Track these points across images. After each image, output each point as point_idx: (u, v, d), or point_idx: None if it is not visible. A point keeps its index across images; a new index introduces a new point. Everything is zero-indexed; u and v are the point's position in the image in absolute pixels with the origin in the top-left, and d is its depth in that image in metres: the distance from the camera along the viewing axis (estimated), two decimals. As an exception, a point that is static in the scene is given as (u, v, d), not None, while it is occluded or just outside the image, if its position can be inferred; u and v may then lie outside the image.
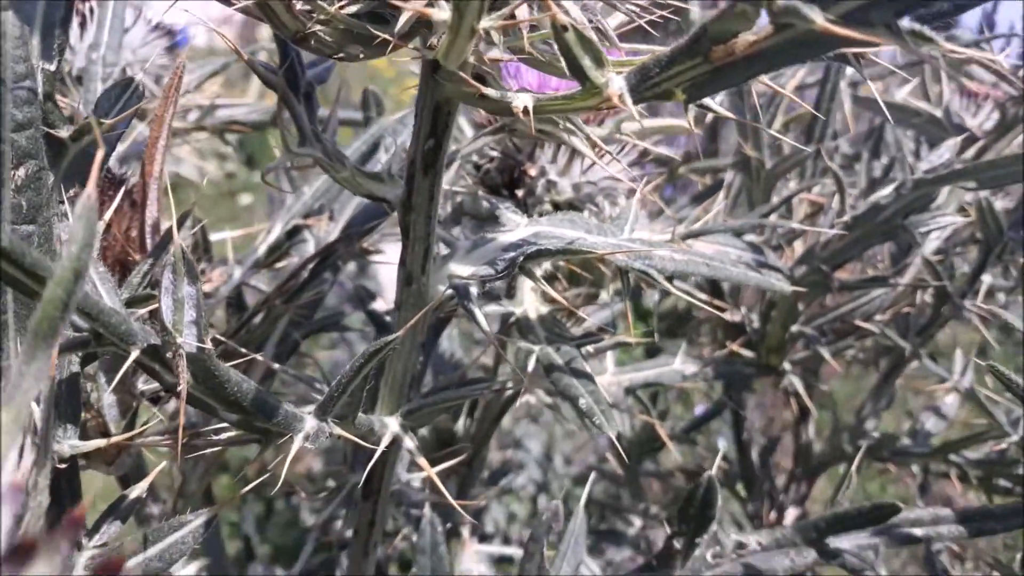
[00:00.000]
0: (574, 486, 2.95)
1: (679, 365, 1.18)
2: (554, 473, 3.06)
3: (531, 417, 3.23)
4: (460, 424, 1.07)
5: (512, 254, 0.69)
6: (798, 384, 1.25)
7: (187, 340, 0.49)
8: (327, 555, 1.48)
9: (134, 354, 0.47)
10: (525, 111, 0.54)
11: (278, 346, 0.93)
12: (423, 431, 1.05)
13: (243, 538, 1.36)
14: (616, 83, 0.50)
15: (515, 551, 1.12)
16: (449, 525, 1.07)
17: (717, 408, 1.46)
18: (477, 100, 0.57)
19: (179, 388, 0.48)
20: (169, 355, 0.49)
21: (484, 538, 2.97)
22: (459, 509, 0.79)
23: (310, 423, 0.56)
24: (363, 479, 0.76)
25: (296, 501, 1.71)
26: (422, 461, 0.66)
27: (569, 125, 0.67)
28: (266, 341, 0.92)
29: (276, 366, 0.81)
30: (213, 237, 1.02)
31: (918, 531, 0.88)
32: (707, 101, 0.53)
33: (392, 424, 0.66)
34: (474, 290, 0.66)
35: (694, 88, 0.51)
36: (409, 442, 0.66)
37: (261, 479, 0.59)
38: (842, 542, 0.87)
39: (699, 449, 1.57)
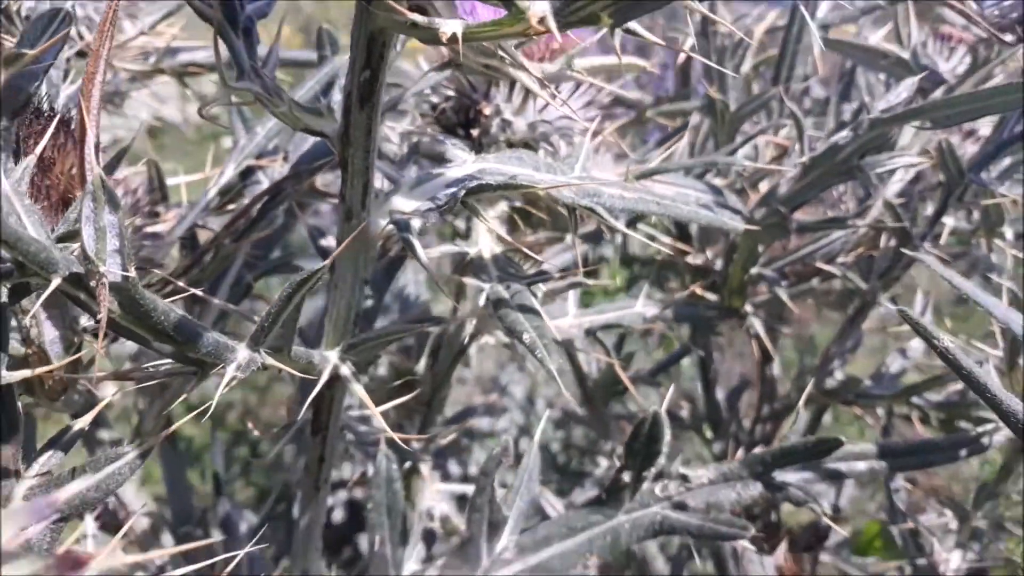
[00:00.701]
0: (555, 430, 2.99)
1: (640, 307, 1.19)
2: (536, 417, 3.09)
3: (517, 365, 3.25)
4: (421, 365, 1.08)
5: (454, 189, 0.69)
6: (759, 327, 1.26)
7: (111, 269, 0.49)
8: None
9: (55, 282, 0.48)
10: (453, 38, 0.54)
11: (232, 288, 0.93)
12: (381, 371, 1.06)
13: (212, 476, 1.37)
14: (539, 6, 0.49)
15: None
16: (408, 463, 1.09)
17: (682, 351, 1.48)
18: (408, 28, 0.57)
19: (100, 316, 0.48)
20: (93, 284, 0.49)
21: (465, 479, 3.01)
22: (404, 446, 0.80)
23: (242, 353, 0.56)
24: (312, 415, 0.77)
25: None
26: (363, 394, 0.66)
27: (516, 60, 0.66)
28: (220, 282, 0.92)
29: (230, 307, 0.82)
30: (170, 181, 1.02)
31: (862, 465, 0.89)
32: (634, 26, 0.52)
33: (333, 358, 0.67)
34: (416, 224, 0.67)
35: (619, 12, 0.51)
36: (348, 373, 0.66)
37: (198, 413, 0.59)
38: (788, 476, 0.89)
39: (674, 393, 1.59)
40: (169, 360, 0.59)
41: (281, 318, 0.55)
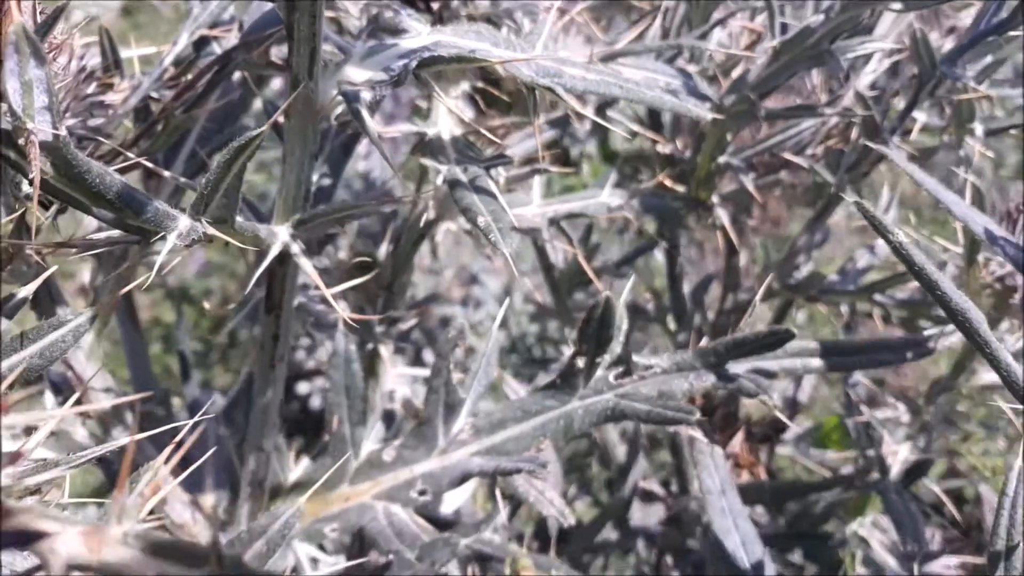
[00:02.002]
0: (531, 322, 3.02)
1: (606, 197, 1.18)
2: (512, 309, 3.11)
3: (488, 256, 3.25)
4: (383, 249, 1.07)
5: (407, 60, 0.66)
6: (724, 217, 1.26)
7: (40, 127, 0.47)
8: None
9: (-22, 140, 0.46)
10: None
11: (188, 162, 0.91)
12: (342, 255, 1.05)
13: (179, 357, 1.37)
14: None
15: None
16: (369, 347, 1.10)
17: (650, 244, 1.48)
18: None
19: (32, 177, 0.47)
20: (22, 143, 0.48)
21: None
22: (364, 329, 0.80)
23: (183, 222, 0.55)
24: (265, 293, 0.76)
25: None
26: (312, 271, 0.66)
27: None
28: (175, 156, 0.90)
29: (182, 180, 0.80)
30: (125, 54, 0.98)
31: (816, 362, 0.90)
32: None
33: (282, 233, 0.66)
34: (366, 96, 0.65)
35: None
36: (298, 249, 0.65)
37: (140, 283, 0.58)
38: (741, 368, 0.90)
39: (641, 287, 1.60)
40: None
41: (221, 186, 0.54)
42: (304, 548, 0.94)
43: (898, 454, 1.15)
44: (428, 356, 2.74)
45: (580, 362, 0.88)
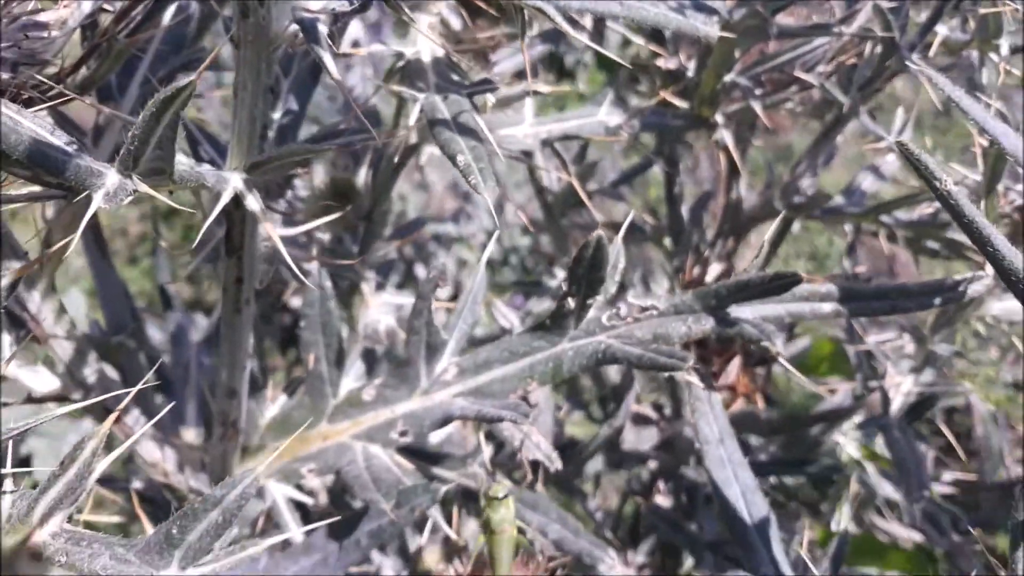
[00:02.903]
0: (523, 235, 2.96)
1: (604, 116, 1.10)
2: (505, 223, 3.05)
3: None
4: (361, 176, 1.00)
5: (371, -18, 0.59)
6: (728, 138, 1.18)
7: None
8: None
9: None
10: None
11: (144, 86, 0.84)
12: (317, 181, 0.99)
13: (159, 289, 1.32)
14: None
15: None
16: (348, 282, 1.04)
17: (647, 162, 1.41)
18: None
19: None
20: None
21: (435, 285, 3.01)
22: (340, 264, 0.74)
23: (111, 178, 0.49)
24: (224, 235, 0.70)
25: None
26: (270, 229, 0.60)
27: None
28: (127, 86, 0.82)
29: (126, 117, 0.73)
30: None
31: (827, 307, 0.85)
32: None
33: (233, 179, 0.59)
34: (323, 28, 0.57)
35: None
36: (253, 202, 0.59)
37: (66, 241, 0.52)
38: (744, 312, 0.84)
39: (632, 203, 1.53)
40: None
41: (151, 139, 0.47)
42: (281, 489, 0.91)
43: (902, 386, 1.11)
44: (421, 271, 2.69)
45: (571, 303, 0.83)
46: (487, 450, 0.94)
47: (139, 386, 0.68)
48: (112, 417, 0.60)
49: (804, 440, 1.46)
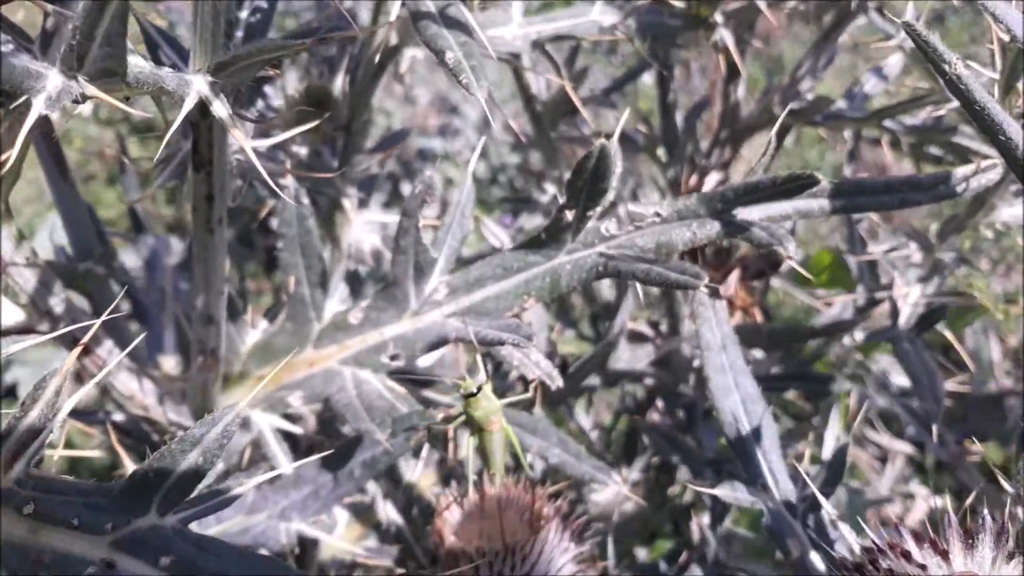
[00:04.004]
0: (511, 152, 2.88)
1: (596, 15, 1.03)
2: (491, 138, 2.96)
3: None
4: (338, 83, 0.93)
5: None
6: (728, 39, 1.11)
7: None
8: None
9: None
10: None
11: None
12: (291, 91, 0.92)
13: (128, 211, 1.25)
14: None
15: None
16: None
17: (641, 67, 1.33)
18: None
19: None
20: None
21: (421, 203, 2.93)
22: (318, 178, 0.68)
23: (54, 80, 0.42)
24: (191, 148, 0.64)
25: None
26: (238, 135, 0.53)
27: None
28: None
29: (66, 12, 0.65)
30: None
31: (836, 202, 0.80)
32: None
33: (197, 82, 0.53)
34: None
35: None
36: (219, 106, 0.53)
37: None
38: (751, 214, 0.79)
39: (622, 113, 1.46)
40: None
41: (96, 32, 0.41)
42: (267, 419, 0.87)
43: (909, 296, 1.07)
44: (407, 190, 2.61)
45: (569, 215, 0.77)
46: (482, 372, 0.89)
47: (106, 315, 0.63)
48: (77, 349, 0.55)
49: (801, 354, 1.43)
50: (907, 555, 0.63)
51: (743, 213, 0.79)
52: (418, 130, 2.90)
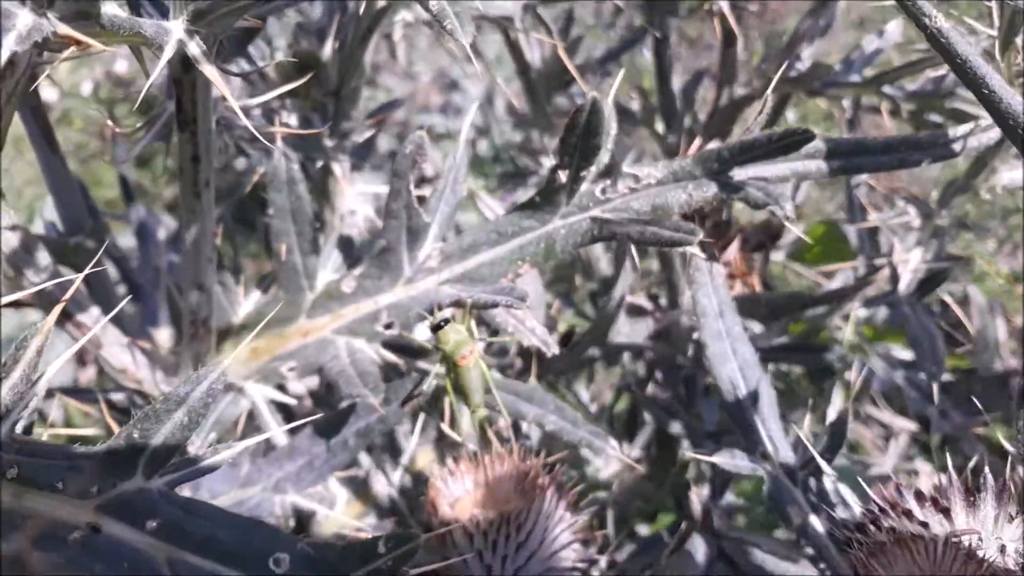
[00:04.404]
0: (514, 130, 2.86)
1: (590, -22, 1.02)
2: (494, 117, 2.93)
3: (468, 57, 3.03)
4: (327, 49, 0.92)
5: None
6: (724, 5, 1.10)
7: None
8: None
9: None
10: None
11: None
12: (280, 56, 0.90)
13: (119, 180, 1.24)
14: None
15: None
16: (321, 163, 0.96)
17: (638, 34, 1.31)
18: None
19: None
20: None
21: (423, 181, 2.91)
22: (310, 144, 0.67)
23: (24, 18, 0.41)
24: (174, 106, 0.63)
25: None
26: (218, 80, 0.52)
27: None
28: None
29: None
30: None
31: (834, 162, 0.78)
32: None
33: (175, 29, 0.51)
34: None
35: None
36: (198, 51, 0.51)
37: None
38: (748, 175, 0.78)
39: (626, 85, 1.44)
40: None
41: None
42: (260, 389, 0.85)
43: (909, 262, 1.06)
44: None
45: (562, 176, 0.76)
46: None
47: (89, 271, 0.61)
48: (57, 309, 0.53)
49: (800, 327, 1.41)
50: (908, 513, 0.62)
51: (739, 174, 0.77)
52: (419, 107, 2.87)
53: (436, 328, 0.76)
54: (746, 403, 0.82)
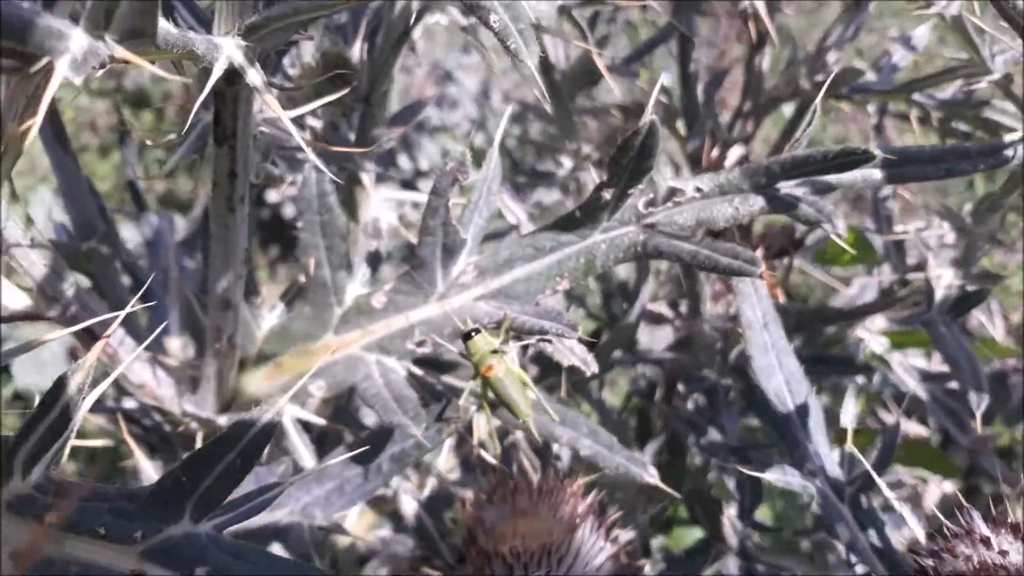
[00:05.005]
0: (512, 124, 2.83)
1: (624, -20, 0.98)
2: (491, 110, 2.90)
3: (464, 47, 2.99)
4: (356, 50, 0.88)
5: None
6: (760, 5, 1.07)
7: None
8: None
9: None
10: None
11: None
12: (307, 58, 0.86)
13: (127, 185, 1.20)
14: None
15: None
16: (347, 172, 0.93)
17: (663, 34, 1.28)
18: None
19: None
20: None
21: (418, 175, 2.87)
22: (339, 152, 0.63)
23: (79, 41, 0.38)
24: (213, 119, 0.59)
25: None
26: (271, 100, 0.49)
27: None
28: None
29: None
30: None
31: (879, 172, 0.75)
32: None
33: (227, 45, 0.48)
34: None
35: None
36: (253, 73, 0.48)
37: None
38: (794, 187, 0.75)
39: (641, 84, 1.41)
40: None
41: (128, -18, 0.36)
42: (287, 409, 0.82)
43: (942, 278, 1.03)
44: (403, 162, 2.56)
45: (607, 194, 0.73)
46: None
47: (121, 307, 0.58)
48: (99, 345, 0.50)
49: (821, 336, 1.39)
50: (986, 541, 0.60)
51: (786, 187, 0.75)
52: (414, 100, 2.84)
53: (466, 337, 0.73)
54: (793, 418, 0.80)
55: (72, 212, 0.96)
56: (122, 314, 0.64)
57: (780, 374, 0.83)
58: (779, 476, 0.72)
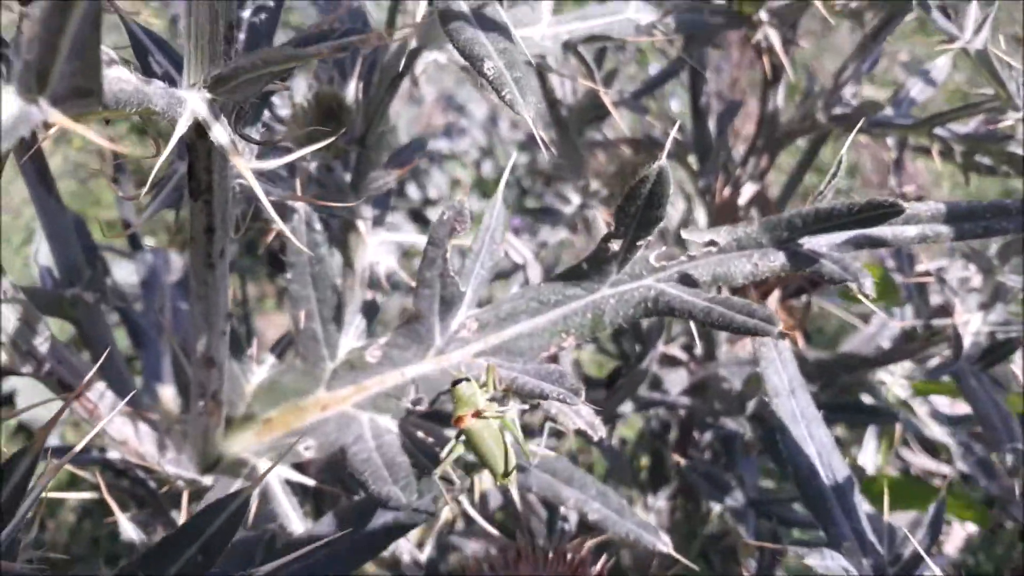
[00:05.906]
0: (520, 152, 2.80)
1: (633, 13, 0.94)
2: (499, 138, 2.87)
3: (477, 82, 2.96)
4: (350, 90, 0.84)
5: None
6: (774, 38, 1.02)
7: None
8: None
9: None
10: None
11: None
12: (299, 99, 0.82)
13: (122, 223, 1.16)
14: None
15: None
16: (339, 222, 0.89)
17: (673, 68, 1.24)
18: None
19: None
20: None
21: (426, 203, 2.84)
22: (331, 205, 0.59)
23: (9, 105, 0.33)
24: (187, 173, 0.55)
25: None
26: (242, 165, 0.44)
27: None
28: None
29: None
30: None
31: (912, 230, 0.70)
32: None
33: (192, 100, 0.44)
34: None
35: None
36: (219, 128, 0.44)
37: None
38: (818, 243, 0.70)
39: (649, 118, 1.37)
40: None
41: (60, 41, 0.31)
42: (275, 469, 0.78)
43: (970, 324, 0.98)
44: (412, 191, 2.52)
45: (615, 245, 0.68)
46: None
47: (97, 364, 0.54)
48: (64, 406, 0.46)
49: (840, 379, 1.34)
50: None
51: (809, 242, 0.70)
52: (423, 129, 2.81)
53: (454, 384, 0.67)
54: (828, 493, 0.74)
55: (57, 256, 0.93)
56: (94, 368, 0.60)
57: (812, 446, 0.77)
58: (819, 561, 0.67)
